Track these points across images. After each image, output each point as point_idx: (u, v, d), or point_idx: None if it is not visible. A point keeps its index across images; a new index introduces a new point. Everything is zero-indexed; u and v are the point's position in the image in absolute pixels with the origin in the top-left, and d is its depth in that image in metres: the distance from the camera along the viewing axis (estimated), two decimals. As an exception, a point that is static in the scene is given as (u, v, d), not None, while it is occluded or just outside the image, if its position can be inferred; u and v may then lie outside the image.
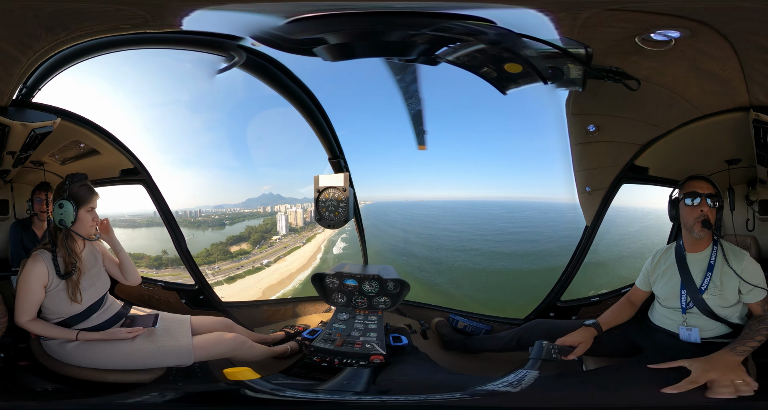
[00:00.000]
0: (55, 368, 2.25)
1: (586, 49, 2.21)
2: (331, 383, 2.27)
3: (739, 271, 2.12)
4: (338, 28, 2.24)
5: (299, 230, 6.98)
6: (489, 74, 2.54)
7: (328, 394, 2.17)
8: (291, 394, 2.14)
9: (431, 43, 2.35)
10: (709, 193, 2.20)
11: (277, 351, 2.72)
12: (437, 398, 2.01)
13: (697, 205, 2.19)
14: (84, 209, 2.26)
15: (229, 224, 6.21)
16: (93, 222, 2.30)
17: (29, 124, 2.37)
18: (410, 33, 2.28)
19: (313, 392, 2.20)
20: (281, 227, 6.74)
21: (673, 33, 2.00)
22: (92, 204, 2.29)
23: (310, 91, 3.07)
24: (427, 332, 3.05)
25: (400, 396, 2.06)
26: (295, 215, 6.92)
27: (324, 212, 2.69)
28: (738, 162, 2.64)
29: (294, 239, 6.91)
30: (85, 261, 2.29)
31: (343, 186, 2.67)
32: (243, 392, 2.18)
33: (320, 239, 7.22)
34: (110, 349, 2.22)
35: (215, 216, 6.11)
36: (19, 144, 2.46)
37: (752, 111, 2.27)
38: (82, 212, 2.25)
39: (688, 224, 2.22)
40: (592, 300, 3.02)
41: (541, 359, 2.17)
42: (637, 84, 2.34)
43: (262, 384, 2.22)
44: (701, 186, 2.22)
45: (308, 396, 2.14)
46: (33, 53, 2.02)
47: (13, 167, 2.64)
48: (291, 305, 3.56)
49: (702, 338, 2.20)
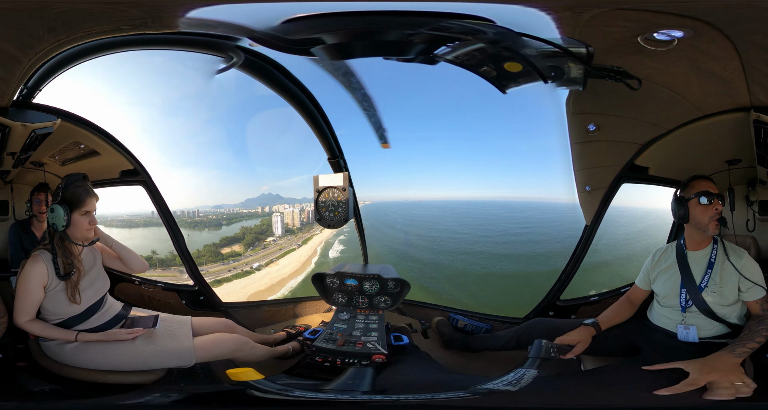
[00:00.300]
0: (53, 369, 2.25)
1: (587, 48, 2.23)
2: (336, 382, 2.29)
3: (739, 267, 2.17)
4: (334, 27, 2.25)
5: (296, 231, 6.87)
6: (489, 73, 2.55)
7: (337, 394, 2.18)
8: (299, 394, 2.16)
9: (429, 43, 2.36)
10: (719, 193, 2.26)
11: (279, 352, 2.73)
12: (442, 397, 2.04)
13: (713, 204, 2.24)
14: (78, 213, 2.21)
15: (226, 225, 6.13)
16: (89, 226, 2.25)
17: (30, 124, 2.39)
18: (408, 32, 2.29)
19: (321, 392, 2.22)
20: (277, 228, 6.60)
21: (677, 33, 2.02)
22: (88, 207, 2.24)
23: (308, 91, 3.09)
24: (428, 331, 3.07)
25: (409, 396, 2.08)
26: (292, 215, 6.85)
27: (324, 212, 2.71)
28: (738, 162, 2.66)
29: (289, 240, 6.75)
30: (84, 262, 2.29)
31: (342, 186, 2.68)
32: (249, 392, 2.20)
33: (317, 242, 7.05)
34: (109, 350, 2.22)
35: (213, 216, 6.05)
36: (19, 145, 2.48)
37: (753, 112, 2.29)
38: (76, 216, 2.20)
39: (703, 223, 2.26)
40: (591, 299, 3.05)
41: (540, 358, 2.20)
42: (639, 83, 2.36)
43: (267, 385, 2.24)
44: (711, 186, 2.28)
45: (318, 396, 2.16)
46: (34, 54, 2.03)
47: (13, 167, 2.66)
48: (291, 305, 3.58)
49: (700, 337, 2.22)
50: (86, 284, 2.25)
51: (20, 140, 2.44)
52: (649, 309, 2.48)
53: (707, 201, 2.23)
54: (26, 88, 2.33)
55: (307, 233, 6.98)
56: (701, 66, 2.21)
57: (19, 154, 2.54)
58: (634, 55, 2.21)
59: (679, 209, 2.32)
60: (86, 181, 2.29)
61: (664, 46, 2.11)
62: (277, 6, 2.13)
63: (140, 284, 3.25)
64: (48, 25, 1.88)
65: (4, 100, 2.25)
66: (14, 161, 2.59)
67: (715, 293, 2.20)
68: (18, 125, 2.33)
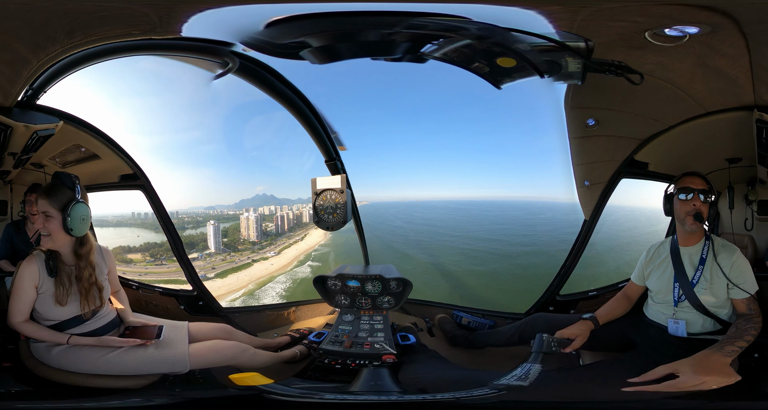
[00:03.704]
0: (36, 370, 2.27)
1: (586, 42, 2.30)
2: (358, 384, 2.37)
3: (728, 266, 2.28)
4: (314, 30, 2.34)
5: (247, 246, 5.56)
6: (481, 69, 2.63)
7: (365, 395, 2.26)
8: (330, 397, 2.23)
9: (413, 41, 2.44)
10: (702, 188, 2.36)
11: (285, 356, 2.79)
12: (469, 395, 2.15)
13: (690, 199, 2.35)
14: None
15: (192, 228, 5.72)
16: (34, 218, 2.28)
17: (32, 125, 2.49)
18: (385, 32, 2.37)
19: (346, 393, 2.29)
20: (211, 240, 5.30)
21: (692, 29, 2.05)
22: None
23: (303, 94, 3.19)
24: (433, 329, 3.18)
25: (437, 395, 2.19)
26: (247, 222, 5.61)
27: (322, 214, 2.77)
28: (739, 161, 2.76)
29: (230, 259, 5.40)
30: (89, 267, 2.33)
31: (340, 188, 2.76)
32: (266, 396, 2.26)
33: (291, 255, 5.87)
34: (98, 354, 2.25)
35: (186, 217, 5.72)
36: (20, 145, 2.57)
37: (756, 111, 2.39)
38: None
39: (681, 218, 2.39)
40: (589, 294, 3.16)
41: (543, 352, 2.31)
42: (640, 78, 2.44)
43: (283, 389, 2.32)
44: (695, 182, 2.39)
45: (345, 398, 2.24)
46: (45, 55, 2.13)
47: (13, 168, 2.75)
48: (293, 308, 3.66)
49: (690, 332, 2.33)
50: (84, 288, 2.29)
51: (22, 141, 2.54)
52: (645, 305, 2.59)
53: (685, 197, 2.35)
54: (31, 89, 2.42)
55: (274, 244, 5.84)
56: (709, 63, 2.25)
57: (20, 154, 2.63)
58: (638, 50, 2.28)
59: (665, 203, 2.48)
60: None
61: (672, 42, 2.14)
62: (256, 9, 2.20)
63: (138, 289, 3.31)
64: (67, 28, 1.96)
65: (9, 100, 2.35)
66: (15, 162, 2.68)
67: (705, 290, 2.31)
68: (20, 126, 2.43)
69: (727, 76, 2.28)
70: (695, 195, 2.34)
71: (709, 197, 2.35)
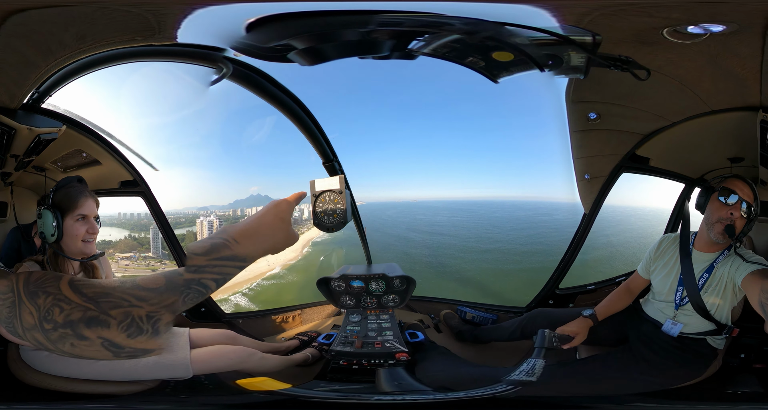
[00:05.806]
0: (18, 374, 2.25)
1: (593, 36, 2.24)
2: (380, 384, 2.44)
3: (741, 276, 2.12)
4: (296, 31, 2.34)
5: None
6: (476, 64, 2.60)
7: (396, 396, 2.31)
8: (365, 397, 2.27)
9: (396, 39, 2.41)
10: (748, 199, 2.19)
11: (297, 360, 2.81)
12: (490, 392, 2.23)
13: (731, 206, 2.18)
14: (71, 217, 2.06)
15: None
16: (88, 235, 2.12)
17: (36, 129, 2.53)
18: (361, 31, 2.35)
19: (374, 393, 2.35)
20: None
21: (717, 27, 1.98)
22: (83, 210, 2.08)
23: (297, 98, 3.22)
24: (439, 325, 3.27)
25: (463, 392, 2.25)
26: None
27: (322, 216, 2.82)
28: (741, 161, 2.73)
29: None
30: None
31: (339, 189, 2.80)
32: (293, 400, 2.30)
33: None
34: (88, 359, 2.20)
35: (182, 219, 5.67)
36: (23, 148, 2.60)
37: (761, 112, 2.36)
38: (69, 222, 2.05)
39: (710, 221, 2.24)
40: (588, 288, 3.20)
41: (545, 347, 2.39)
42: (647, 74, 2.37)
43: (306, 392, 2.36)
44: (743, 190, 2.22)
45: (380, 398, 2.28)
46: (54, 60, 2.17)
47: (15, 170, 2.77)
48: (299, 311, 3.70)
49: (683, 332, 2.32)
50: None
51: (25, 143, 2.57)
52: (644, 300, 2.58)
53: (725, 200, 2.20)
54: (37, 93, 2.47)
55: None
56: (720, 62, 2.19)
57: (22, 157, 2.66)
58: (648, 46, 2.22)
59: (701, 195, 2.34)
60: (82, 183, 2.25)
61: (689, 39, 2.08)
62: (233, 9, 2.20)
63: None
64: (81, 33, 2.00)
65: (14, 102, 2.38)
66: (17, 164, 2.71)
67: (711, 294, 2.26)
68: (24, 128, 2.46)
69: (737, 76, 2.25)
70: (738, 203, 2.17)
71: (751, 212, 2.17)
